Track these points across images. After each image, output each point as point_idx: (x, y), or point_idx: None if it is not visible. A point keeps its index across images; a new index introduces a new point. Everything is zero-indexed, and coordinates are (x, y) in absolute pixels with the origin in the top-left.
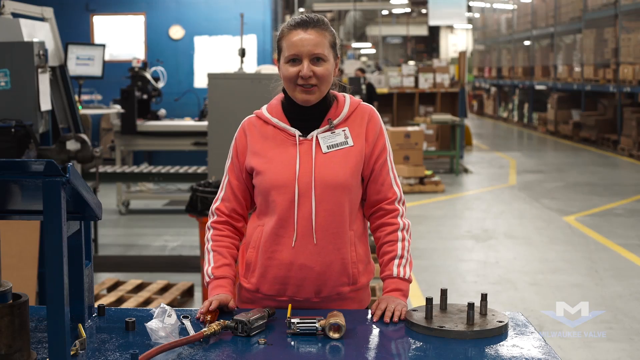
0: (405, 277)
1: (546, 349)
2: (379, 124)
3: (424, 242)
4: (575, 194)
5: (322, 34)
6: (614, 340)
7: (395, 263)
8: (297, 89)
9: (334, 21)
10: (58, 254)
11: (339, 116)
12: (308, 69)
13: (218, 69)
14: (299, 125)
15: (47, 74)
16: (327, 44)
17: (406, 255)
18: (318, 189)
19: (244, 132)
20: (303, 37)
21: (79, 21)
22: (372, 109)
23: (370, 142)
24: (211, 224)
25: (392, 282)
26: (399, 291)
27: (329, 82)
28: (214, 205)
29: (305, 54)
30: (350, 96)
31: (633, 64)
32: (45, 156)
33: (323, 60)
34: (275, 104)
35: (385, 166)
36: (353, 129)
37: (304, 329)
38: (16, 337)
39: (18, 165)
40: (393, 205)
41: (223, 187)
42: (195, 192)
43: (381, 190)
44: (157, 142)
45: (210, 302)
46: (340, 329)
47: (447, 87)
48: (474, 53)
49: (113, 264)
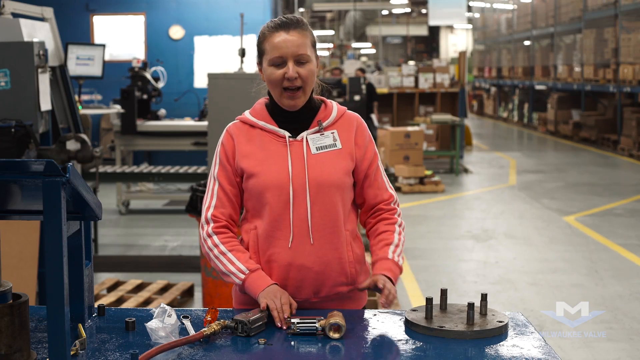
0: (399, 263)
1: (546, 349)
2: (367, 130)
3: (424, 242)
4: (575, 194)
5: (304, 34)
6: (614, 340)
7: (391, 249)
8: (284, 94)
9: (334, 21)
10: (58, 254)
11: (328, 118)
12: (293, 71)
13: (218, 69)
14: (286, 127)
15: (47, 74)
16: (309, 44)
17: (401, 246)
18: (312, 189)
19: (230, 136)
20: (286, 38)
21: (79, 21)
22: (358, 116)
23: (361, 147)
24: (212, 230)
25: (387, 263)
26: (391, 272)
27: (312, 82)
28: (207, 213)
29: (289, 56)
30: (336, 103)
31: (633, 64)
32: (45, 156)
33: (307, 62)
34: (259, 108)
35: (379, 171)
36: (341, 133)
37: (304, 329)
38: (16, 337)
39: (18, 165)
40: (390, 206)
41: (214, 194)
42: (195, 192)
43: (378, 194)
44: (157, 142)
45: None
46: (340, 329)
47: (447, 87)
48: (474, 53)
49: (113, 264)
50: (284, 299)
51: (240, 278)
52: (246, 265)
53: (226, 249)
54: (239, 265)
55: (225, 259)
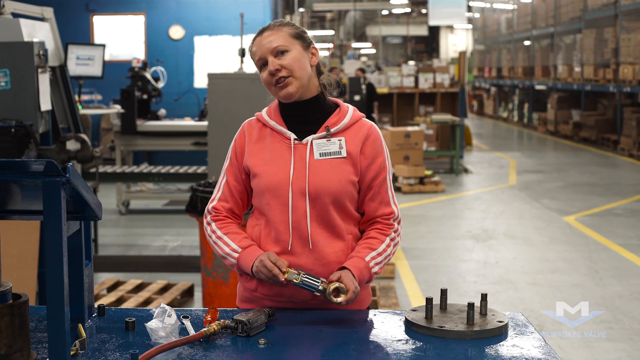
0: (372, 269)
1: (546, 349)
2: (378, 140)
3: (424, 242)
4: (575, 194)
5: (277, 30)
6: (614, 340)
7: (371, 254)
8: (275, 89)
9: (334, 21)
10: (58, 254)
11: (338, 124)
12: (273, 64)
13: (218, 69)
14: (296, 129)
15: (47, 74)
16: (284, 35)
17: (383, 257)
18: (312, 194)
19: (243, 133)
20: (260, 40)
21: (79, 21)
22: (373, 125)
23: (367, 157)
24: (211, 219)
25: (359, 262)
26: (357, 270)
27: (302, 69)
28: (211, 204)
29: (266, 53)
30: (354, 109)
31: (633, 64)
32: (45, 156)
33: (286, 51)
34: (274, 107)
35: (384, 185)
36: (349, 141)
37: (306, 285)
38: (16, 337)
39: (18, 165)
40: (389, 222)
41: (220, 187)
42: (195, 192)
43: (379, 208)
44: (157, 142)
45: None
46: (342, 292)
47: (447, 87)
48: (474, 53)
49: (113, 264)
50: (272, 256)
51: (234, 257)
52: (239, 244)
53: (222, 233)
54: (233, 245)
55: (221, 242)
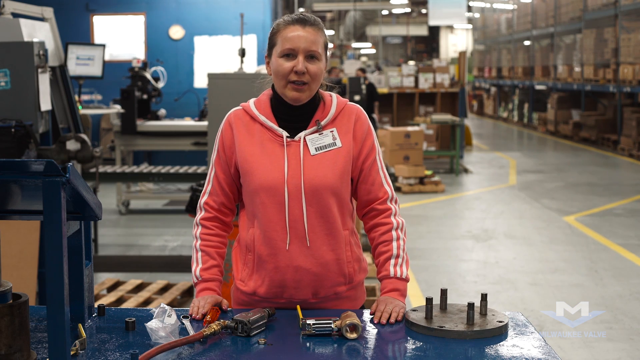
0: (402, 277)
1: (546, 349)
2: (366, 123)
3: (424, 242)
4: (575, 194)
5: (318, 33)
6: (614, 340)
7: (391, 263)
8: (289, 86)
9: (334, 21)
10: (58, 254)
11: (326, 117)
12: (302, 64)
13: (218, 69)
14: (286, 125)
15: (47, 74)
16: (322, 43)
17: (402, 254)
18: (308, 191)
19: (229, 125)
20: (300, 33)
21: (79, 21)
22: (359, 108)
23: (358, 141)
24: (200, 221)
25: (390, 283)
26: (396, 291)
27: (319, 82)
28: (202, 199)
29: (301, 50)
30: (336, 95)
31: (633, 64)
32: (45, 156)
33: (317, 59)
34: (263, 100)
35: (375, 165)
36: (341, 129)
37: (320, 330)
38: (16, 337)
39: (18, 165)
40: (385, 205)
41: (210, 180)
42: (195, 192)
43: (372, 190)
44: (157, 142)
45: (203, 306)
46: (357, 329)
47: (447, 87)
48: (474, 53)
49: (113, 264)
50: (210, 299)
51: (194, 281)
52: (203, 273)
53: (199, 247)
54: (197, 270)
55: (194, 256)
